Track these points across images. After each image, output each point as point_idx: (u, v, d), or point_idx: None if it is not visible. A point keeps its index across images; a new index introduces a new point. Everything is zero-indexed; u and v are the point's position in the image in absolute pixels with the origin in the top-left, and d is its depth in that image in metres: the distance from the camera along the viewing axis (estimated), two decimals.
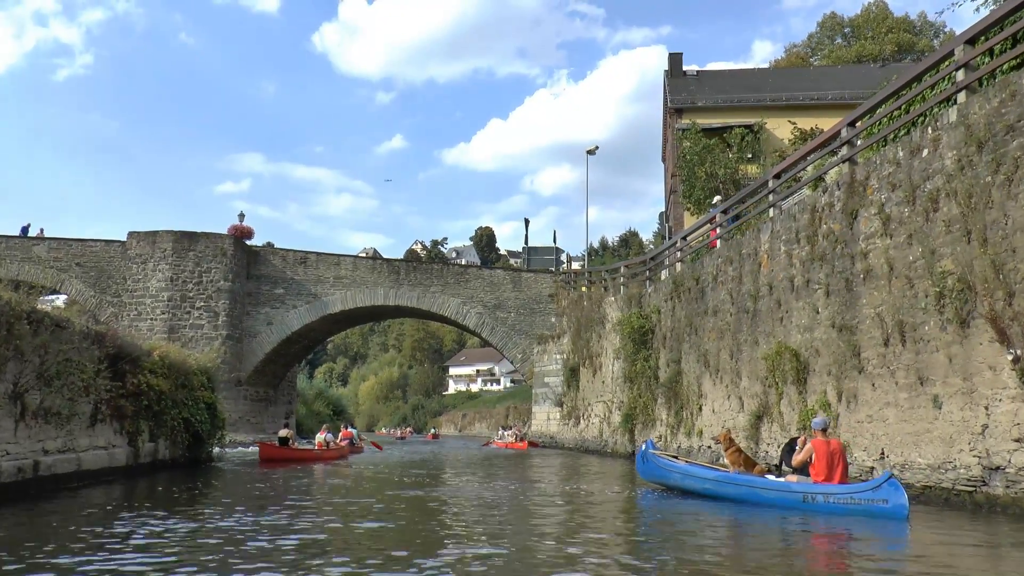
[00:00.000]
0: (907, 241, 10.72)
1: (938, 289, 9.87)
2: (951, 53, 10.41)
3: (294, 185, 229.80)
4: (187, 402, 16.23)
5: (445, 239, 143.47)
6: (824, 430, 9.89)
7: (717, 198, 22.34)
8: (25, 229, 40.31)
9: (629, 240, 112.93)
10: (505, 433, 41.36)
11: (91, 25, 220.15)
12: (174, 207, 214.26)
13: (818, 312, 13.09)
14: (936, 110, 10.78)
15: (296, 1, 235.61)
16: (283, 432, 22.73)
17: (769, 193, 15.79)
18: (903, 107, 11.86)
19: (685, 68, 36.77)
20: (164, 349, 15.30)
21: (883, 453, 11.04)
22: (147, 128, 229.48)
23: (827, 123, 25.06)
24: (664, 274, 23.26)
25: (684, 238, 21.05)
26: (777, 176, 15.70)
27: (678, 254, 21.03)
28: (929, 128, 10.44)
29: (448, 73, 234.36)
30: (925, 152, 10.47)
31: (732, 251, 16.92)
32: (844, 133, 13.00)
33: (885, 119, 12.36)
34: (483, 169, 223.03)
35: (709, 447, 17.51)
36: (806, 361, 13.38)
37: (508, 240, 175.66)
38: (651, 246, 60.27)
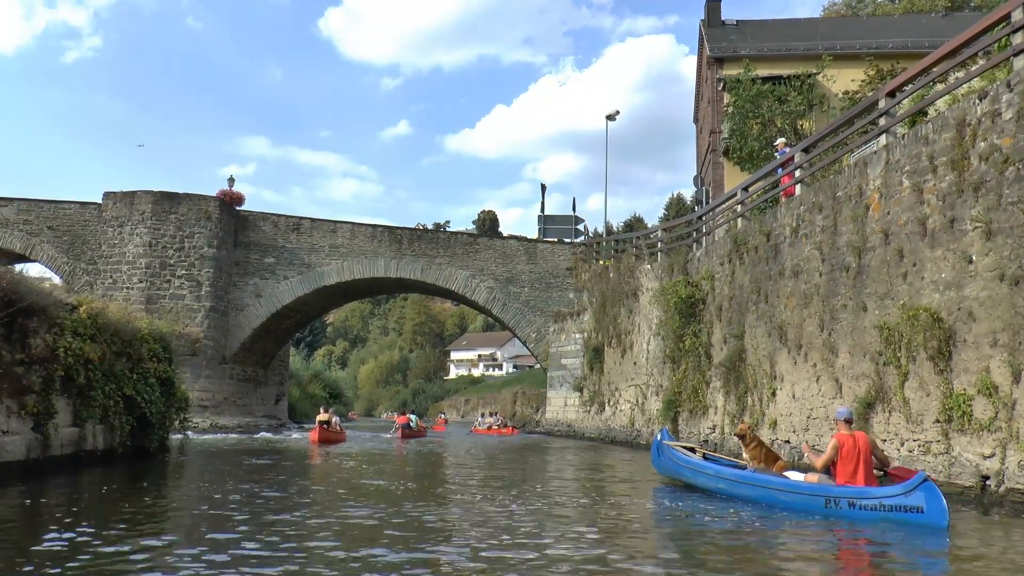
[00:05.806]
0: None
1: None
2: None
3: (299, 169, 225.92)
4: (130, 375, 12.68)
5: (448, 222, 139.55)
6: (848, 421, 8.81)
7: (781, 140, 18.70)
8: None
9: (634, 225, 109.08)
10: (481, 420, 38.80)
11: (99, 8, 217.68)
12: (178, 189, 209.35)
13: (971, 262, 9.60)
14: None
15: None
16: (323, 416, 24.48)
17: (881, 115, 12.23)
18: None
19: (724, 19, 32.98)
20: (97, 304, 11.73)
21: None
22: (153, 111, 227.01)
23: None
24: (704, 241, 19.76)
25: (746, 188, 17.44)
26: (891, 94, 12.15)
27: (738, 208, 17.45)
28: None
29: (454, 60, 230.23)
30: None
31: (821, 195, 13.40)
32: (1018, 15, 9.44)
33: None
34: (487, 156, 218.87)
35: (787, 441, 14.07)
36: (951, 328, 9.87)
37: (511, 227, 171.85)
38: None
